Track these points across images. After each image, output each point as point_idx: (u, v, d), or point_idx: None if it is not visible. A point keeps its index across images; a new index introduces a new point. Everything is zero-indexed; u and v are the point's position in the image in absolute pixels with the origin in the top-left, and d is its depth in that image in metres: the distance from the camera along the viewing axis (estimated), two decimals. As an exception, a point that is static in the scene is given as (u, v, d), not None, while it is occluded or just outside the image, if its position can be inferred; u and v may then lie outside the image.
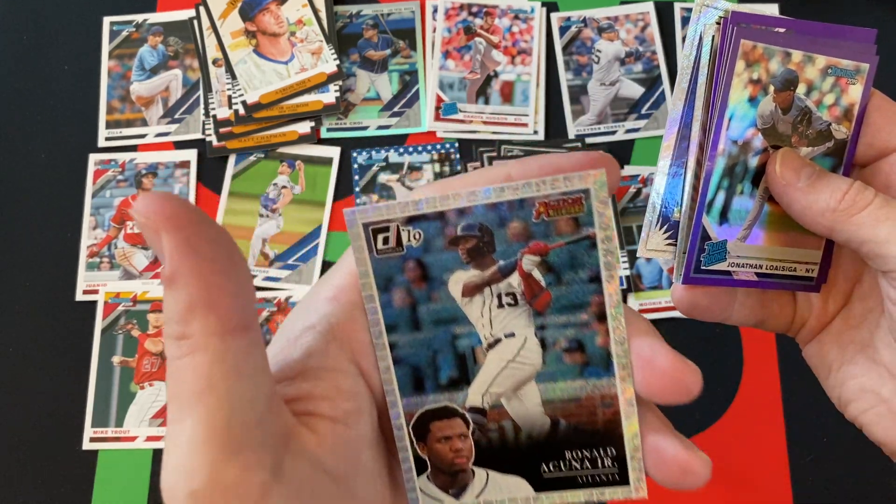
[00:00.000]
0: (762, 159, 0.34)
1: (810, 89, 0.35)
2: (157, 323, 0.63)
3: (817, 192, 0.31)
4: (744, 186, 0.34)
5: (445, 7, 0.72)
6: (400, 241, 0.25)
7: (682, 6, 0.72)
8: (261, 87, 0.68)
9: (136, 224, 0.22)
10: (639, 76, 0.70)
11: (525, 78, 0.70)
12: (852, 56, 0.34)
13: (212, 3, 0.71)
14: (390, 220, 0.24)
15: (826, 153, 0.34)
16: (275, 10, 0.71)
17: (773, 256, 0.36)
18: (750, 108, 0.34)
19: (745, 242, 0.35)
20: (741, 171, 0.34)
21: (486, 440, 0.27)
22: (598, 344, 0.26)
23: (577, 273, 0.25)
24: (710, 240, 0.35)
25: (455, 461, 0.27)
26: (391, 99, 0.70)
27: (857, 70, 0.35)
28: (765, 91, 0.34)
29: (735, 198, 0.34)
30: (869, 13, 0.72)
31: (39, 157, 0.68)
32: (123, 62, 0.71)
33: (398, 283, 0.25)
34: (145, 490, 0.59)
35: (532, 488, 0.27)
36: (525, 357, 0.26)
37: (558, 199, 0.24)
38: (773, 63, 0.34)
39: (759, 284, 0.35)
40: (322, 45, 0.69)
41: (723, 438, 0.59)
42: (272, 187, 0.67)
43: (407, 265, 0.25)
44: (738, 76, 0.34)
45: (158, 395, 0.61)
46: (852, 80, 0.35)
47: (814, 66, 0.35)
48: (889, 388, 0.31)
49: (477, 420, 0.26)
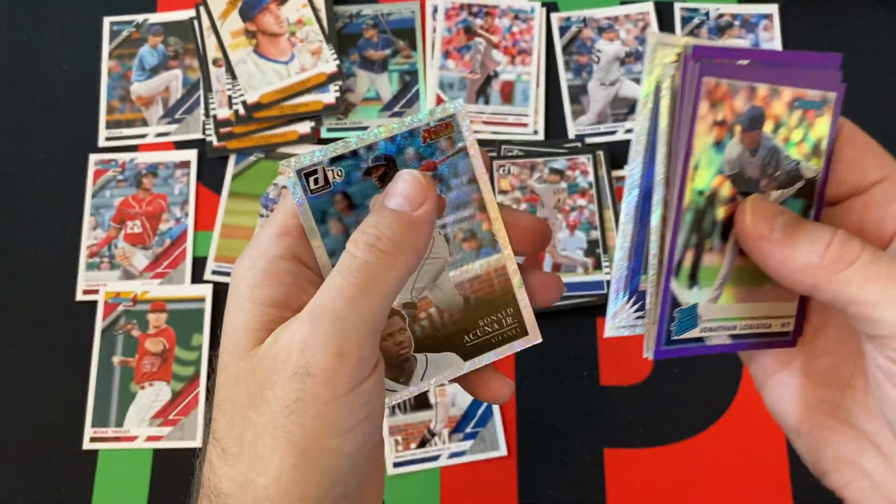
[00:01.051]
0: (731, 209, 0.30)
1: (778, 126, 0.31)
2: (157, 323, 0.63)
3: (795, 245, 0.27)
4: (713, 242, 0.31)
5: (445, 7, 0.72)
6: (327, 179, 0.30)
7: (682, 6, 0.72)
8: (261, 87, 0.68)
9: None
10: (639, 76, 0.70)
11: (525, 78, 0.70)
12: (818, 85, 0.30)
13: (212, 3, 0.71)
14: (317, 164, 0.30)
15: (796, 194, 0.31)
16: (275, 10, 0.71)
17: (746, 315, 0.33)
18: (716, 154, 0.30)
19: (716, 304, 0.32)
20: (709, 225, 0.30)
21: (420, 328, 0.33)
22: (484, 230, 0.33)
23: (460, 178, 0.32)
24: (680, 306, 0.31)
25: (399, 353, 0.33)
26: (391, 99, 0.70)
27: (824, 100, 0.31)
28: (731, 133, 0.30)
29: (704, 255, 0.31)
30: (869, 13, 0.72)
31: (39, 156, 0.68)
32: (123, 62, 0.71)
33: (331, 214, 0.31)
34: (145, 490, 0.59)
35: (461, 359, 0.33)
36: (436, 252, 0.33)
37: (436, 126, 0.31)
38: (738, 100, 0.30)
39: (733, 348, 0.33)
40: (322, 45, 0.69)
41: (722, 438, 0.59)
42: (272, 187, 0.67)
43: (335, 198, 0.31)
44: (702, 119, 0.29)
45: (158, 395, 0.61)
46: (819, 111, 0.31)
47: (780, 100, 0.30)
48: (873, 462, 0.28)
49: (410, 314, 0.33)
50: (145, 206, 0.67)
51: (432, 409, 0.60)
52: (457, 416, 0.60)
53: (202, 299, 0.63)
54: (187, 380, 0.61)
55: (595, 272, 0.62)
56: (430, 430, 0.60)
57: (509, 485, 0.58)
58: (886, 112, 0.69)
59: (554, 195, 0.65)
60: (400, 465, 0.59)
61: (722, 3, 0.73)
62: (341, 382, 0.27)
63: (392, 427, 0.60)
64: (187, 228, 0.66)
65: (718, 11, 0.72)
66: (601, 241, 0.63)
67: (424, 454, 0.59)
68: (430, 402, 0.60)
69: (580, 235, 0.64)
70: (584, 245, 0.64)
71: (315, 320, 0.27)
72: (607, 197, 0.65)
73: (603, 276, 0.62)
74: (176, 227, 0.66)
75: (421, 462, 0.59)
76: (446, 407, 0.60)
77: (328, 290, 0.28)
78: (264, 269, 0.29)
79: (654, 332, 0.31)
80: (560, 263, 0.63)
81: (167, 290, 0.64)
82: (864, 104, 0.69)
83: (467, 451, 0.59)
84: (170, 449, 0.60)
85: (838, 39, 0.71)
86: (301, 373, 0.27)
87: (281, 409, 0.27)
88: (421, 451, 0.59)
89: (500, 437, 0.59)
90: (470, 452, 0.59)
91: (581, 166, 0.66)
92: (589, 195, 0.65)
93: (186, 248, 0.65)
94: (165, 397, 0.61)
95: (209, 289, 0.63)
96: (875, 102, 0.69)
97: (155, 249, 0.65)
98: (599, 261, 0.63)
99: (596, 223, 0.64)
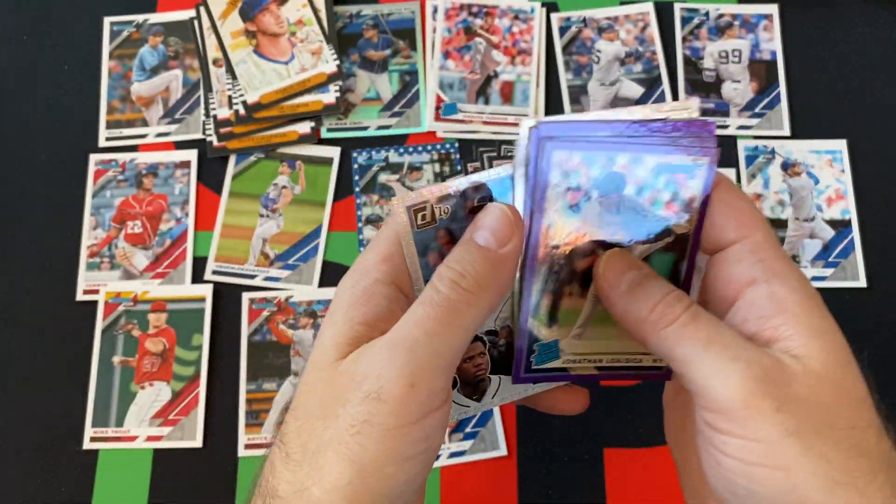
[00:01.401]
0: (590, 261, 0.33)
1: (642, 189, 0.31)
2: (158, 323, 0.63)
3: (634, 299, 0.30)
4: (573, 288, 0.34)
5: (445, 7, 0.72)
6: (434, 216, 0.32)
7: (682, 6, 0.72)
8: (261, 87, 0.68)
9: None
10: (639, 76, 0.70)
11: (525, 78, 0.70)
12: (689, 151, 0.30)
13: (212, 3, 0.71)
14: (426, 202, 0.32)
15: (666, 248, 0.33)
16: (275, 10, 0.71)
17: (612, 350, 0.36)
18: (572, 215, 0.32)
19: (579, 340, 0.35)
20: (567, 274, 0.34)
21: (497, 353, 0.35)
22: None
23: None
24: (540, 340, 0.35)
25: (476, 374, 0.35)
26: (391, 99, 0.70)
27: (696, 164, 0.31)
28: (588, 196, 0.32)
29: (564, 299, 0.34)
30: (869, 13, 0.72)
31: (39, 157, 0.68)
32: (124, 62, 0.71)
33: (432, 248, 0.32)
34: (146, 490, 0.59)
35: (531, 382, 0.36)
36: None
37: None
38: (594, 169, 0.31)
39: (599, 378, 0.36)
40: (322, 46, 0.69)
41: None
42: (272, 187, 0.67)
43: (439, 233, 0.32)
44: (553, 187, 0.31)
45: (159, 395, 0.61)
46: (691, 174, 0.31)
47: (643, 167, 0.31)
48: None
49: (491, 340, 0.35)
50: (145, 206, 0.67)
51: (432, 409, 0.60)
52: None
53: (202, 299, 0.63)
54: (187, 380, 0.61)
55: (595, 272, 0.62)
56: (431, 429, 0.60)
57: (509, 485, 0.58)
58: (889, 111, 0.69)
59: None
60: (400, 465, 0.59)
61: (722, 4, 0.73)
62: (408, 412, 0.28)
63: (392, 427, 0.60)
64: (188, 228, 0.66)
65: (718, 11, 0.72)
66: (601, 241, 0.63)
67: (424, 454, 0.59)
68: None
69: (580, 235, 0.64)
70: (583, 245, 0.64)
71: (393, 348, 0.28)
72: (607, 197, 0.65)
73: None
74: (176, 227, 0.66)
75: (421, 462, 0.59)
76: (446, 407, 0.60)
77: (409, 321, 0.29)
78: (363, 289, 0.31)
79: (515, 361, 0.36)
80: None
81: (167, 290, 0.64)
82: (863, 105, 0.69)
83: (467, 450, 0.59)
84: (170, 449, 0.60)
85: (838, 39, 0.71)
86: (373, 397, 0.28)
87: (347, 427, 0.28)
88: (421, 450, 0.59)
89: (501, 437, 0.59)
90: (470, 452, 0.59)
91: (581, 166, 0.66)
92: (589, 195, 0.65)
93: (187, 248, 0.65)
94: (165, 397, 0.61)
95: (209, 289, 0.63)
96: (875, 102, 0.69)
97: (155, 249, 0.65)
98: (599, 261, 0.63)
99: (596, 223, 0.64)
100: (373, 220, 0.66)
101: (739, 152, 0.68)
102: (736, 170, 0.67)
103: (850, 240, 0.65)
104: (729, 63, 0.71)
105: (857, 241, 0.65)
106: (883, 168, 0.67)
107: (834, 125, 0.69)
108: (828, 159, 0.67)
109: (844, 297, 0.63)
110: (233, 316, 0.63)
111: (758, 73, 0.70)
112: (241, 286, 0.64)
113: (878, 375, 0.63)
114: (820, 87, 0.70)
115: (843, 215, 0.65)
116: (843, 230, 0.65)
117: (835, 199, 0.66)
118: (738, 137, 0.68)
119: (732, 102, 0.69)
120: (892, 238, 0.65)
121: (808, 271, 0.64)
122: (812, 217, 0.65)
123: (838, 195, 0.66)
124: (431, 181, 0.67)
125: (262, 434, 0.60)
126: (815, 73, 0.70)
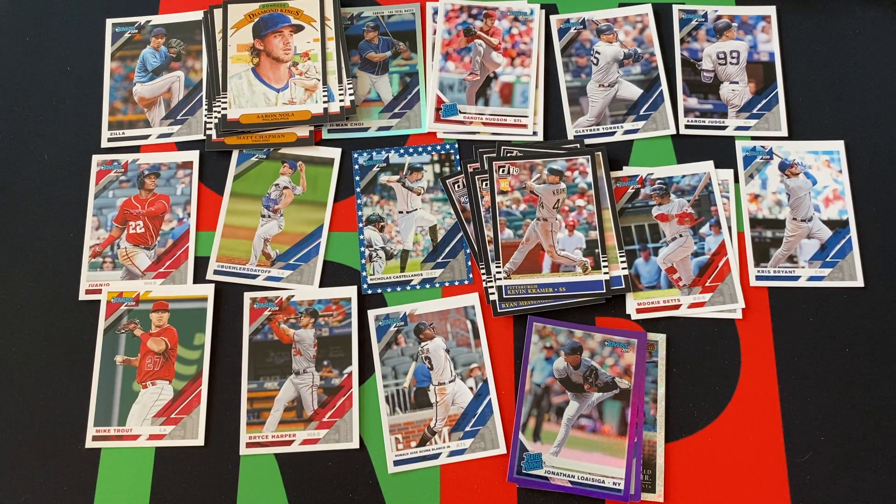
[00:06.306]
0: (562, 399, 0.53)
1: (593, 354, 0.55)
2: (160, 322, 0.63)
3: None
4: (551, 415, 0.53)
5: (445, 9, 0.73)
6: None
7: (680, 8, 0.72)
8: (246, 107, 0.68)
9: None
10: (637, 77, 0.71)
11: (524, 79, 0.71)
12: (623, 334, 0.56)
13: (231, 11, 0.71)
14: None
15: (615, 397, 0.54)
16: (287, 35, 0.71)
17: (582, 470, 0.52)
18: (546, 364, 0.55)
19: (557, 457, 0.53)
20: (546, 404, 0.54)
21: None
22: None
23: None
24: (528, 451, 0.53)
25: None
26: (392, 100, 0.71)
27: (629, 343, 0.55)
28: (558, 353, 0.55)
29: (545, 423, 0.54)
30: (866, 14, 0.72)
31: (42, 157, 0.69)
32: (126, 64, 0.72)
33: None
34: (147, 488, 0.59)
35: None
36: None
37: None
38: (560, 336, 0.56)
39: (573, 490, 0.51)
40: (318, 84, 0.70)
41: (720, 437, 0.59)
42: (274, 188, 0.67)
43: None
44: (534, 344, 0.56)
45: (160, 394, 0.61)
46: (626, 349, 0.55)
47: (593, 340, 0.56)
48: None
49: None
50: (147, 207, 0.67)
51: (432, 408, 0.60)
52: (457, 415, 0.60)
53: (204, 299, 0.64)
54: (189, 379, 0.62)
55: (594, 272, 0.62)
56: (431, 428, 0.60)
57: (509, 483, 0.58)
58: (885, 112, 0.69)
59: (553, 195, 0.66)
60: (400, 464, 0.59)
61: (720, 5, 0.73)
62: None
63: (392, 426, 0.60)
64: (189, 228, 0.66)
65: (716, 13, 0.73)
66: (600, 240, 0.64)
67: (424, 452, 0.59)
68: (431, 400, 0.61)
69: (579, 235, 0.64)
70: (582, 245, 0.64)
71: None
72: (606, 197, 0.66)
73: (601, 275, 0.62)
74: (178, 227, 0.66)
75: (421, 460, 0.59)
76: (446, 406, 0.60)
77: None
78: None
79: (509, 464, 0.54)
80: (559, 263, 0.63)
81: (169, 290, 0.64)
82: (863, 104, 0.70)
83: (467, 449, 0.59)
84: (172, 447, 0.60)
85: (835, 40, 0.72)
86: None
87: None
88: (421, 449, 0.60)
89: (500, 436, 0.59)
90: (470, 451, 0.59)
91: (580, 167, 0.66)
92: (588, 195, 0.66)
93: (189, 247, 0.66)
94: (167, 396, 0.61)
95: (211, 288, 0.64)
96: (874, 102, 0.69)
97: (157, 249, 0.66)
98: (598, 260, 0.63)
99: (594, 223, 0.65)
100: (373, 220, 0.66)
101: (737, 153, 0.68)
102: (734, 170, 0.68)
103: (848, 240, 0.65)
104: (727, 64, 0.71)
105: (855, 241, 0.65)
106: (880, 169, 0.68)
107: (832, 126, 0.69)
108: (825, 160, 0.68)
109: (842, 297, 0.64)
110: (234, 315, 0.64)
111: (756, 74, 0.71)
112: (243, 286, 0.65)
113: (875, 374, 0.63)
114: (818, 88, 0.70)
115: (841, 215, 0.66)
116: (840, 230, 0.65)
117: (832, 199, 0.67)
118: (737, 138, 0.69)
119: (730, 103, 0.70)
120: (890, 238, 0.65)
121: (806, 271, 0.64)
122: (810, 217, 0.66)
123: (836, 195, 0.67)
124: (431, 181, 0.68)
125: (264, 432, 0.60)
126: (813, 75, 0.71)
